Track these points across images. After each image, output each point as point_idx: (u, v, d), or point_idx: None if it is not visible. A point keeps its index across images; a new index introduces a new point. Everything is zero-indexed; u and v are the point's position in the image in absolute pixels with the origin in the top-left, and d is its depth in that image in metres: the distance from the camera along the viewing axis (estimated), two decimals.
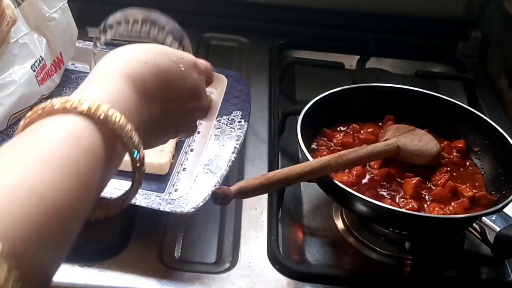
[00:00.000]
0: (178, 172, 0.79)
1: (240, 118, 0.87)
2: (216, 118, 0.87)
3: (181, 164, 0.80)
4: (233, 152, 0.80)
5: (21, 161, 0.36)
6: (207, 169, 0.78)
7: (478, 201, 0.76)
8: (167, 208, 0.71)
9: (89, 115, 0.40)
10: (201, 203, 0.71)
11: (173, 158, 0.81)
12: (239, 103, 0.90)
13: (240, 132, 0.84)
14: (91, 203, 0.41)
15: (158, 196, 0.73)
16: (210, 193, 0.65)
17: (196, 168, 0.79)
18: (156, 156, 0.78)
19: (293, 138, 0.80)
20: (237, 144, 0.82)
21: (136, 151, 0.43)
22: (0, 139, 0.79)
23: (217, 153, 0.80)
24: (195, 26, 1.17)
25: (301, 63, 1.12)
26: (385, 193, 0.76)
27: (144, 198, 0.72)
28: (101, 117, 0.41)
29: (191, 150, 0.83)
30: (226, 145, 0.82)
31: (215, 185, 0.74)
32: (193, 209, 0.71)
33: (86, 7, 1.12)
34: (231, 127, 0.85)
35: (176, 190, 0.76)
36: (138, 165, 0.44)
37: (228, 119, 0.87)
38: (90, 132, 0.40)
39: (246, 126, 0.86)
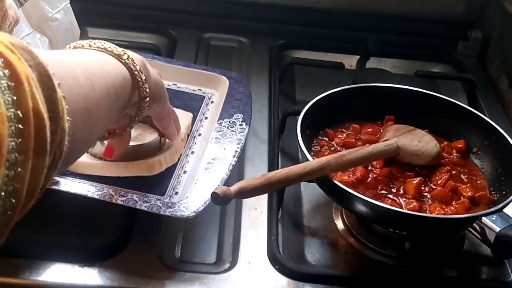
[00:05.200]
0: (179, 175, 0.79)
1: (242, 121, 0.86)
2: (218, 121, 0.87)
3: (182, 167, 0.80)
4: (234, 156, 0.80)
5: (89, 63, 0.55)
6: (208, 172, 0.78)
7: (478, 201, 0.76)
8: (167, 212, 0.71)
9: (122, 59, 0.61)
10: (201, 207, 0.71)
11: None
12: (241, 105, 0.90)
13: (241, 135, 0.84)
14: (116, 111, 0.59)
15: (158, 199, 0.73)
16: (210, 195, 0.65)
17: (196, 171, 0.79)
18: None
19: (293, 138, 0.80)
20: (238, 147, 0.81)
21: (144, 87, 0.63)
22: None
23: (218, 156, 0.80)
24: (195, 26, 1.17)
25: (301, 63, 1.12)
26: (386, 193, 0.76)
27: (144, 201, 0.72)
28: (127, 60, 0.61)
29: (192, 152, 0.83)
30: (227, 148, 0.81)
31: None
32: (193, 213, 0.71)
33: (87, 7, 1.12)
34: (232, 130, 0.84)
35: (176, 193, 0.75)
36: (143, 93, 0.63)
37: (229, 122, 0.86)
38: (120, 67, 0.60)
39: (247, 129, 0.85)
